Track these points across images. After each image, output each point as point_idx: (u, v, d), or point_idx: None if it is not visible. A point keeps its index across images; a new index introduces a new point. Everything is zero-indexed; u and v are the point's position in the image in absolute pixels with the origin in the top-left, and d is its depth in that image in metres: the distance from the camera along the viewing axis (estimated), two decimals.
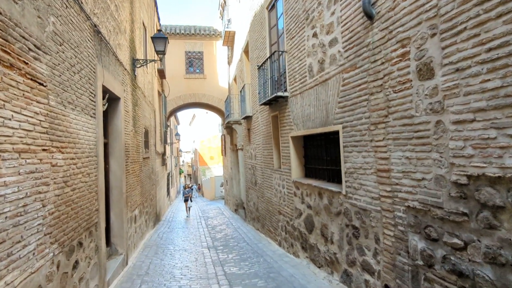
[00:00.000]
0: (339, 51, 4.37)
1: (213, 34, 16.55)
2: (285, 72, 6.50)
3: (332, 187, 4.72)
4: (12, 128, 2.45)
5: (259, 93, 7.69)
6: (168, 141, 19.03)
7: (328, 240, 4.93)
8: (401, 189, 3.25)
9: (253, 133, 9.71)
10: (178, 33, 16.18)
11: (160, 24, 13.71)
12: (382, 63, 3.46)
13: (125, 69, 6.89)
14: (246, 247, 7.86)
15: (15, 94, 2.50)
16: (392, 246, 3.43)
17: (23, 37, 2.66)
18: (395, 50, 3.26)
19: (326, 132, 4.97)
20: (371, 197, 3.77)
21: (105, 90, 5.42)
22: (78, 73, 3.96)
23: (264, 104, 7.45)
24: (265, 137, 8.21)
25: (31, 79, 2.78)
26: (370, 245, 3.84)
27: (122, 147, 6.32)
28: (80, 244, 3.87)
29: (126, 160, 6.74)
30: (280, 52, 6.58)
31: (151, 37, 7.80)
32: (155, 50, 7.94)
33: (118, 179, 6.22)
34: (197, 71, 16.48)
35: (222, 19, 16.58)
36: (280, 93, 6.30)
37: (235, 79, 13.83)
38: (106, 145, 6.08)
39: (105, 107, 5.63)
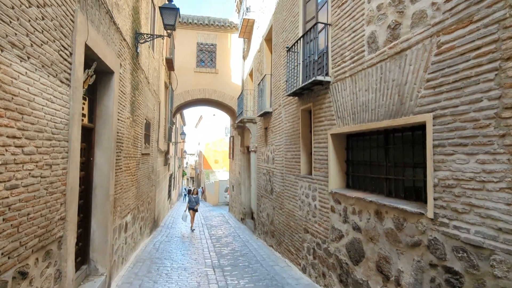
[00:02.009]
0: (433, 4, 2.93)
1: (228, 26, 15.25)
2: (326, 52, 5.08)
3: (405, 206, 3.24)
4: None
5: (287, 81, 6.26)
6: (173, 139, 17.67)
7: (391, 280, 3.43)
8: None
9: (272, 132, 8.27)
10: (190, 23, 14.89)
11: None
12: None
13: (124, 40, 5.52)
14: (260, 269, 6.36)
15: None
16: None
17: None
18: None
19: (396, 126, 3.51)
20: (496, 228, 2.30)
21: (91, 56, 4.03)
22: (38, 7, 2.56)
23: (293, 94, 6.02)
24: (290, 137, 6.76)
25: None
26: None
27: (113, 135, 4.91)
28: (22, 274, 2.43)
29: (117, 154, 5.33)
30: (322, 26, 5.16)
31: (159, 7, 6.45)
32: (164, 24, 6.58)
33: (105, 176, 4.80)
34: (209, 65, 15.13)
35: (238, 12, 15.29)
36: (320, 78, 4.87)
37: (250, 74, 12.45)
38: (90, 131, 4.68)
39: (92, 79, 4.24)
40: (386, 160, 3.94)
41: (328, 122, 4.97)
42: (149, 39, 6.63)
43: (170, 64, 12.57)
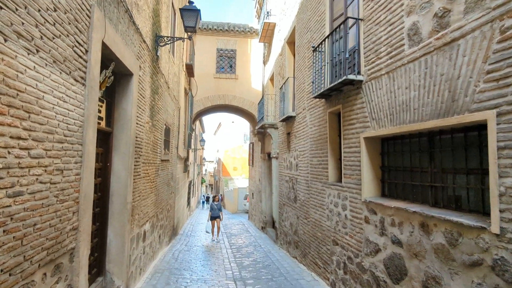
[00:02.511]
0: None
1: (248, 31, 15.09)
2: (357, 50, 4.70)
3: (460, 218, 2.79)
4: None
5: (313, 82, 5.91)
6: (192, 146, 17.57)
7: None
8: None
9: (296, 138, 7.89)
10: (210, 29, 14.82)
11: None
12: None
13: (144, 42, 5.34)
14: (285, 283, 5.95)
15: None
16: None
17: None
18: None
19: (445, 126, 3.09)
20: None
21: (109, 55, 3.82)
22: None
23: (320, 96, 5.65)
24: (316, 141, 6.37)
25: None
26: None
27: (131, 140, 4.69)
28: None
29: (136, 159, 5.11)
30: (352, 22, 4.80)
31: (180, 9, 6.27)
32: (184, 26, 6.40)
33: (122, 183, 4.57)
34: (229, 70, 14.97)
35: (258, 18, 15.14)
36: (351, 76, 4.48)
37: (271, 79, 12.16)
38: (108, 135, 4.48)
39: (110, 81, 4.04)
40: (431, 166, 3.50)
41: (360, 124, 4.57)
42: (169, 42, 6.45)
43: (190, 70, 12.48)
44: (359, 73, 4.56)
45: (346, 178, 4.97)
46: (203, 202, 34.20)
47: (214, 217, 11.03)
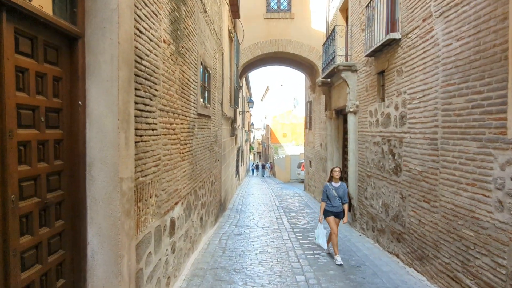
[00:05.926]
0: None
1: None
2: None
3: None
4: None
5: None
6: (240, 107, 15.25)
7: None
8: None
9: (401, 74, 5.07)
10: None
11: None
12: None
13: None
14: None
15: None
16: None
17: None
18: None
19: None
20: None
21: None
22: None
23: None
24: (462, 67, 3.54)
25: None
26: None
27: (122, 54, 2.32)
28: None
29: (143, 98, 2.80)
30: None
31: None
32: None
33: (109, 140, 2.27)
34: (282, 8, 12.01)
35: None
36: None
37: (342, 9, 9.09)
38: (72, 43, 2.13)
39: None
40: None
41: None
42: None
43: (234, 6, 9.84)
44: None
45: None
46: (252, 170, 32.65)
47: (334, 213, 5.26)
